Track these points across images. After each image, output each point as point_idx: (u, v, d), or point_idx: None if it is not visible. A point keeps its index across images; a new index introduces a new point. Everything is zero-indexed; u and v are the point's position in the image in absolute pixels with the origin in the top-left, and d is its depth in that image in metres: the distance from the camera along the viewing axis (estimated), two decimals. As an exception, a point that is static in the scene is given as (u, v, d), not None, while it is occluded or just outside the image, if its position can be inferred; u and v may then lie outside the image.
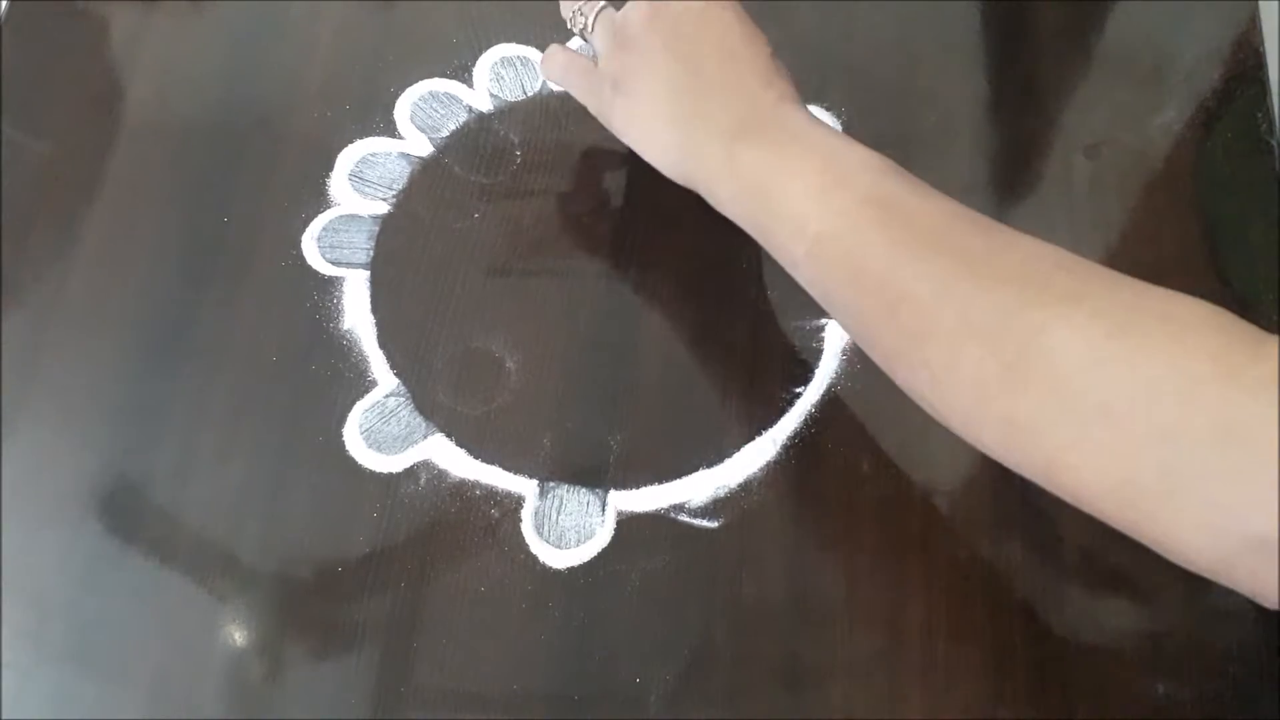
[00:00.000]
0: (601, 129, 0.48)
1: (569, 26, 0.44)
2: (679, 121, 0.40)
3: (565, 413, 0.42)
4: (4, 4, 0.51)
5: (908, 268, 0.34)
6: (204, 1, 0.52)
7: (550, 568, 0.39)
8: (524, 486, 0.41)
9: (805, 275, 0.37)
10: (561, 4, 0.45)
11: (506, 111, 0.49)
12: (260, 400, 0.42)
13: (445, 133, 0.49)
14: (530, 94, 0.50)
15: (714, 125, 0.38)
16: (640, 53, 0.40)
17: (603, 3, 0.43)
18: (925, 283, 0.33)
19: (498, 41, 0.51)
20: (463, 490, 0.41)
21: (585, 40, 0.44)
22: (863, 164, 0.36)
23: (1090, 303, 0.31)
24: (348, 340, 0.44)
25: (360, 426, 0.42)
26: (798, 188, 0.36)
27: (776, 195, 0.37)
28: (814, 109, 0.49)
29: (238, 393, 0.42)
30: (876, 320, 0.35)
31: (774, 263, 0.47)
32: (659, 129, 0.40)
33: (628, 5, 0.41)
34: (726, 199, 0.39)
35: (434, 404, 0.43)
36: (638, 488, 0.41)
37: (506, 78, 0.50)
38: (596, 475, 0.41)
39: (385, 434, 0.42)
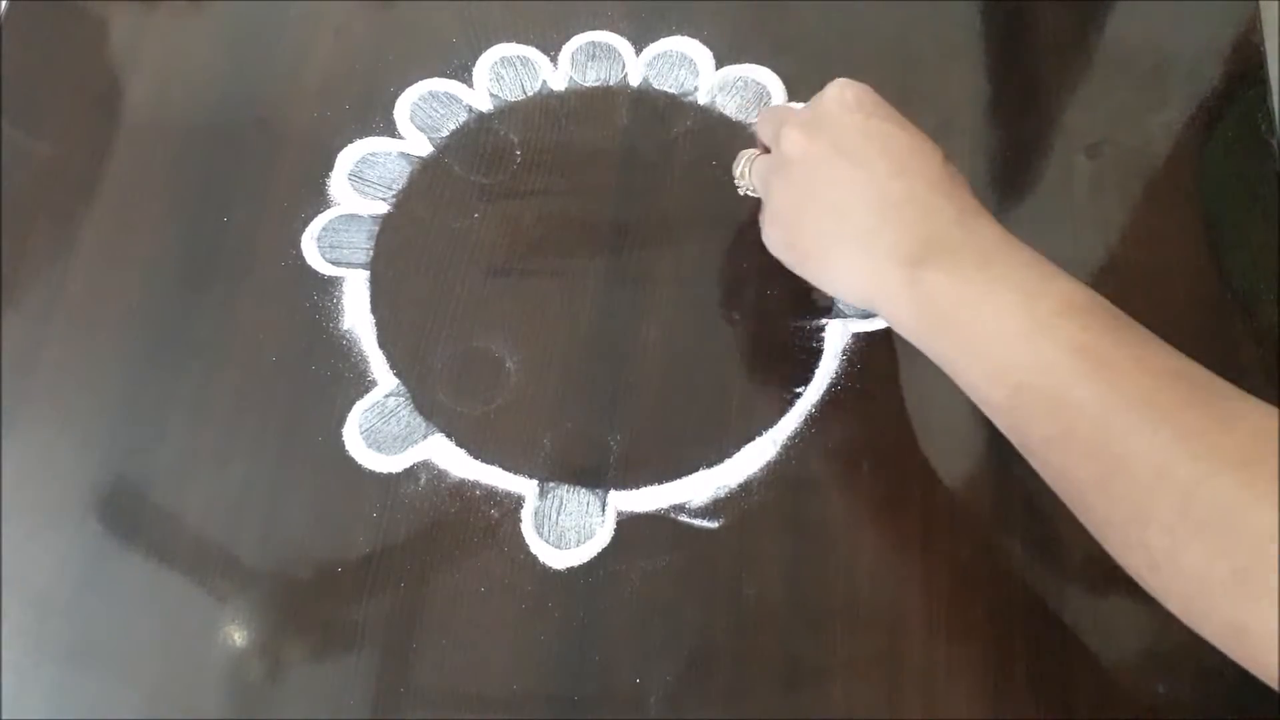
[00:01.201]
0: (601, 128, 0.48)
1: (741, 194, 0.44)
2: (851, 244, 0.37)
3: (565, 413, 0.42)
4: (4, 4, 0.51)
5: (1122, 441, 0.31)
6: (203, 1, 0.52)
7: (550, 568, 0.39)
8: (524, 487, 0.41)
9: (1002, 422, 0.35)
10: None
11: (506, 111, 0.49)
12: (260, 400, 0.42)
13: (445, 132, 0.49)
14: (530, 94, 0.50)
15: (892, 247, 0.36)
16: (801, 183, 0.38)
17: (752, 151, 0.43)
18: (1141, 461, 0.30)
19: (497, 41, 0.51)
20: (462, 490, 0.41)
21: (749, 194, 0.44)
22: (1066, 302, 0.33)
23: None
24: (347, 340, 0.44)
25: (360, 426, 0.42)
26: (994, 329, 0.34)
27: (970, 333, 0.34)
28: (814, 109, 0.49)
29: (237, 393, 0.42)
30: (1087, 487, 0.32)
31: (774, 263, 0.47)
32: (833, 256, 0.38)
33: (782, 134, 0.39)
34: (909, 326, 0.36)
35: (434, 404, 0.43)
36: (638, 488, 0.41)
37: (506, 77, 0.50)
38: (596, 475, 0.41)
39: (385, 434, 0.42)
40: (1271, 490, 0.28)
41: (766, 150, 0.42)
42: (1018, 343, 0.33)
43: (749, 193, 0.43)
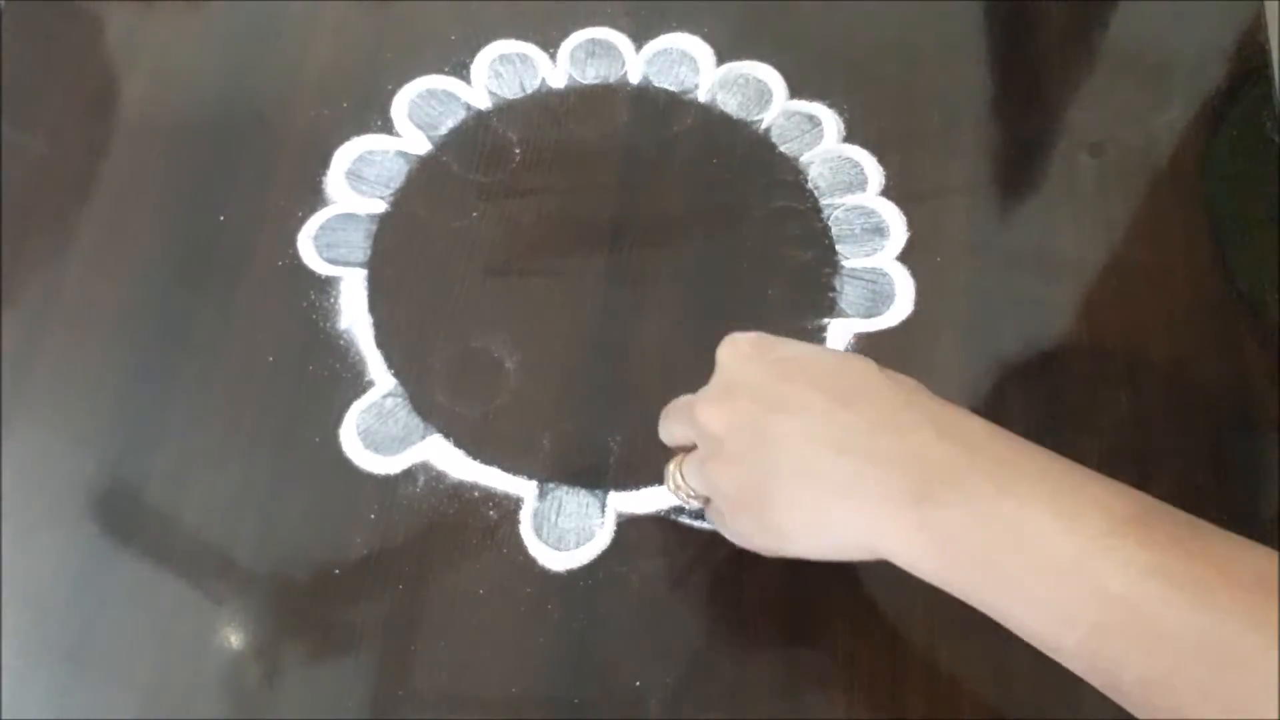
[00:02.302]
0: (600, 126, 0.48)
1: (684, 504, 0.39)
2: (835, 501, 0.32)
3: (565, 413, 0.42)
4: (2, 2, 0.51)
5: (1245, 671, 0.26)
6: (201, 0, 0.52)
7: (549, 570, 0.39)
8: (523, 488, 0.41)
9: (1080, 668, 0.30)
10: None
11: (505, 109, 0.49)
12: (257, 401, 0.42)
13: (443, 130, 0.48)
14: (529, 91, 0.49)
15: (883, 490, 0.30)
16: (742, 457, 0.33)
17: (676, 458, 0.37)
18: (1270, 692, 0.26)
19: (496, 38, 0.50)
20: (461, 492, 0.41)
21: (695, 503, 0.38)
22: (1111, 515, 0.29)
23: None
24: (345, 340, 0.43)
25: (358, 427, 0.42)
26: (1040, 565, 0.29)
27: (1013, 576, 0.29)
28: (816, 107, 0.49)
29: (234, 393, 0.42)
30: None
31: (775, 263, 0.46)
32: (820, 523, 0.32)
33: (696, 417, 0.34)
34: (938, 575, 0.31)
35: (432, 404, 0.42)
36: (637, 489, 0.41)
37: (505, 75, 0.50)
38: (596, 476, 0.41)
39: (383, 435, 0.42)
40: None
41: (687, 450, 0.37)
42: (1075, 579, 0.28)
43: (691, 499, 0.37)
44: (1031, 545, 0.29)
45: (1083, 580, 0.28)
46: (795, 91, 0.49)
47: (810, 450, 0.31)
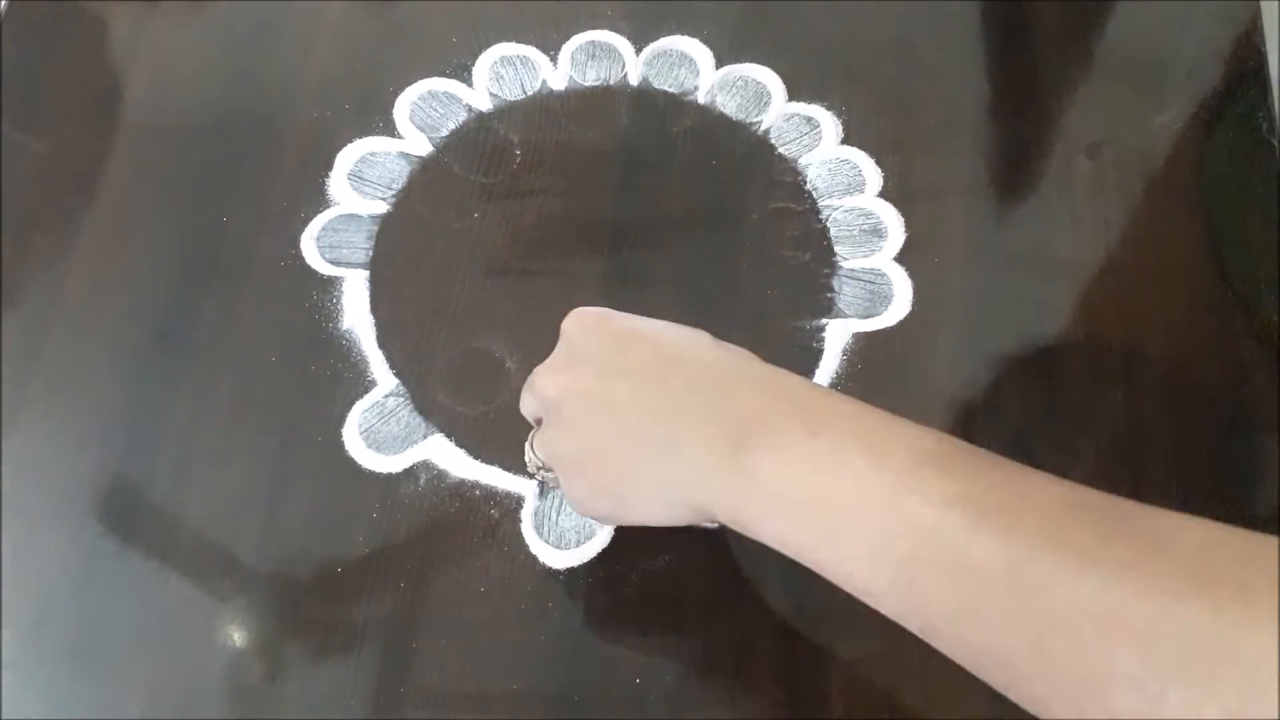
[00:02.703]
0: (600, 128, 0.48)
1: (538, 477, 0.39)
2: (659, 461, 0.32)
3: (565, 413, 0.42)
4: (3, 4, 0.51)
5: (1046, 596, 0.26)
6: (203, 1, 0.52)
7: (550, 568, 0.39)
8: (524, 486, 0.41)
9: (894, 608, 0.29)
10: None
11: (506, 111, 0.49)
12: (259, 400, 0.42)
13: (444, 132, 0.49)
14: (530, 93, 0.50)
15: (702, 444, 0.31)
16: (576, 422, 0.34)
17: (532, 431, 0.38)
18: (1078, 613, 0.25)
19: (497, 41, 0.51)
20: (462, 490, 0.41)
21: (549, 475, 0.38)
22: (918, 451, 0.29)
23: None
24: (347, 340, 0.44)
25: (360, 426, 0.42)
26: (850, 501, 0.29)
27: (824, 515, 0.29)
28: (815, 109, 0.49)
29: (237, 393, 0.42)
30: (1017, 660, 0.27)
31: (774, 264, 0.47)
32: (646, 483, 0.33)
33: (535, 384, 0.36)
34: (755, 524, 0.31)
35: (433, 404, 0.43)
36: (637, 488, 0.41)
37: (506, 77, 0.50)
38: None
39: (385, 434, 0.42)
40: (1247, 610, 0.24)
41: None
42: (883, 513, 0.28)
43: (542, 473, 0.38)
44: (842, 484, 0.29)
45: (890, 515, 0.28)
46: (794, 93, 0.50)
47: (637, 414, 0.32)
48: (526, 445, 0.38)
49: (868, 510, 0.29)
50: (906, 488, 0.28)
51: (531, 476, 0.40)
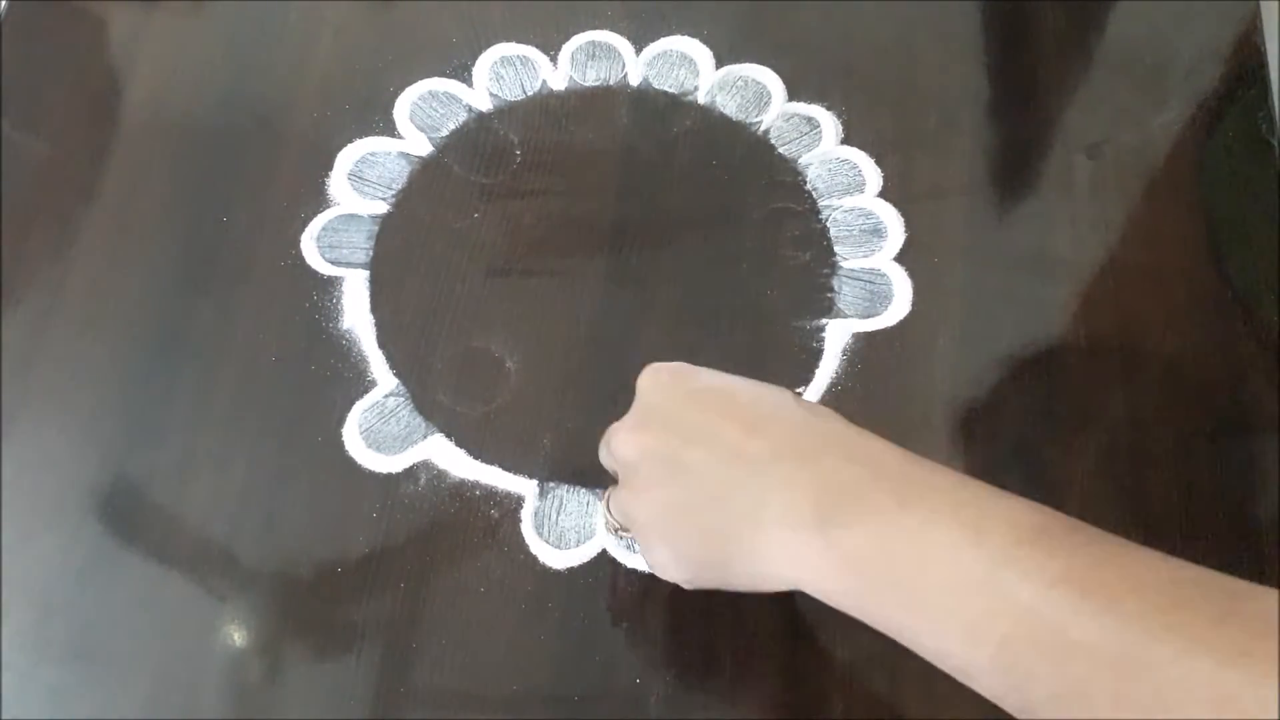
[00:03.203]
0: (601, 128, 0.48)
1: (616, 536, 0.39)
2: (744, 528, 0.31)
3: (565, 413, 0.42)
4: (3, 3, 0.51)
5: (1154, 680, 0.25)
6: (203, 1, 0.52)
7: (550, 568, 0.39)
8: (524, 487, 0.41)
9: (992, 688, 0.29)
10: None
11: (506, 111, 0.49)
12: (260, 400, 0.42)
13: (445, 132, 0.49)
14: (530, 93, 0.50)
15: (786, 515, 0.30)
16: (655, 485, 0.33)
17: (609, 488, 0.37)
18: (1189, 699, 0.25)
19: (497, 41, 0.51)
20: (462, 490, 0.41)
21: (626, 535, 0.38)
22: (1016, 526, 0.28)
23: None
24: (347, 340, 0.44)
25: (360, 426, 0.42)
26: (946, 581, 0.28)
27: (919, 594, 0.29)
28: (815, 109, 0.49)
29: (237, 393, 0.42)
30: None
31: (774, 264, 0.47)
32: (731, 550, 0.32)
33: (613, 445, 0.35)
34: (846, 600, 0.30)
35: (433, 404, 0.43)
36: (638, 488, 0.41)
37: (506, 77, 0.50)
38: (596, 475, 0.41)
39: (385, 434, 0.42)
40: None
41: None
42: (981, 592, 0.27)
43: (620, 534, 0.38)
44: (937, 560, 0.28)
45: (990, 593, 0.27)
46: (794, 94, 0.50)
47: (719, 479, 0.31)
48: (602, 504, 0.38)
49: (964, 589, 0.28)
50: (1005, 565, 0.27)
51: (609, 533, 0.39)
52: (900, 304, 0.45)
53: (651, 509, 0.33)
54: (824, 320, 0.44)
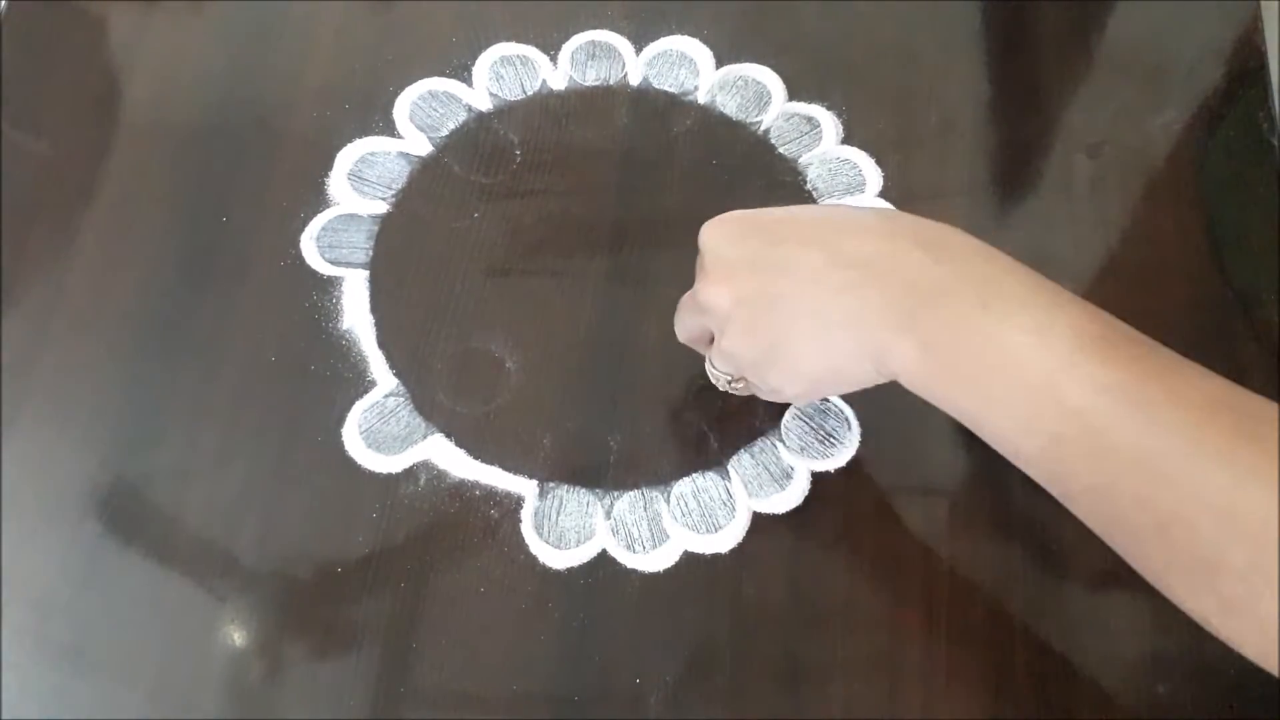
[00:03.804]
0: (601, 128, 0.48)
1: (729, 390, 0.40)
2: (845, 330, 0.34)
3: (565, 413, 0.42)
4: (3, 3, 0.51)
5: (1175, 487, 0.29)
6: (203, 1, 0.52)
7: (550, 568, 0.39)
8: (524, 487, 0.41)
9: (1037, 473, 0.32)
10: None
11: (506, 111, 0.49)
12: (259, 400, 0.42)
13: (444, 132, 0.49)
14: (530, 93, 0.50)
15: (880, 310, 0.33)
16: (755, 321, 0.35)
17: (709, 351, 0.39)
18: (1202, 506, 0.28)
19: (497, 40, 0.51)
20: (462, 490, 0.41)
21: (737, 385, 0.39)
22: (1081, 334, 0.30)
23: None
24: (347, 340, 0.44)
25: (360, 426, 0.42)
26: (1010, 377, 0.31)
27: (984, 385, 0.32)
28: (815, 109, 0.49)
29: (237, 393, 0.42)
30: (1142, 536, 0.30)
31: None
32: (832, 352, 0.34)
33: (701, 300, 0.36)
34: (917, 380, 0.33)
35: (433, 404, 0.43)
36: (637, 488, 0.41)
37: (506, 77, 0.50)
38: (596, 475, 0.41)
39: (385, 434, 0.42)
40: None
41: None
42: (1040, 391, 0.30)
43: (731, 384, 0.39)
44: (1004, 360, 0.31)
45: (1046, 393, 0.30)
46: (794, 93, 0.50)
47: (814, 299, 0.34)
48: (707, 365, 0.39)
49: (1025, 387, 0.31)
50: (1062, 369, 0.30)
51: (720, 389, 0.40)
52: (900, 304, 0.45)
53: (755, 347, 0.36)
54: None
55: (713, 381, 0.40)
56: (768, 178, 0.48)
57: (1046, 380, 0.30)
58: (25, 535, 0.40)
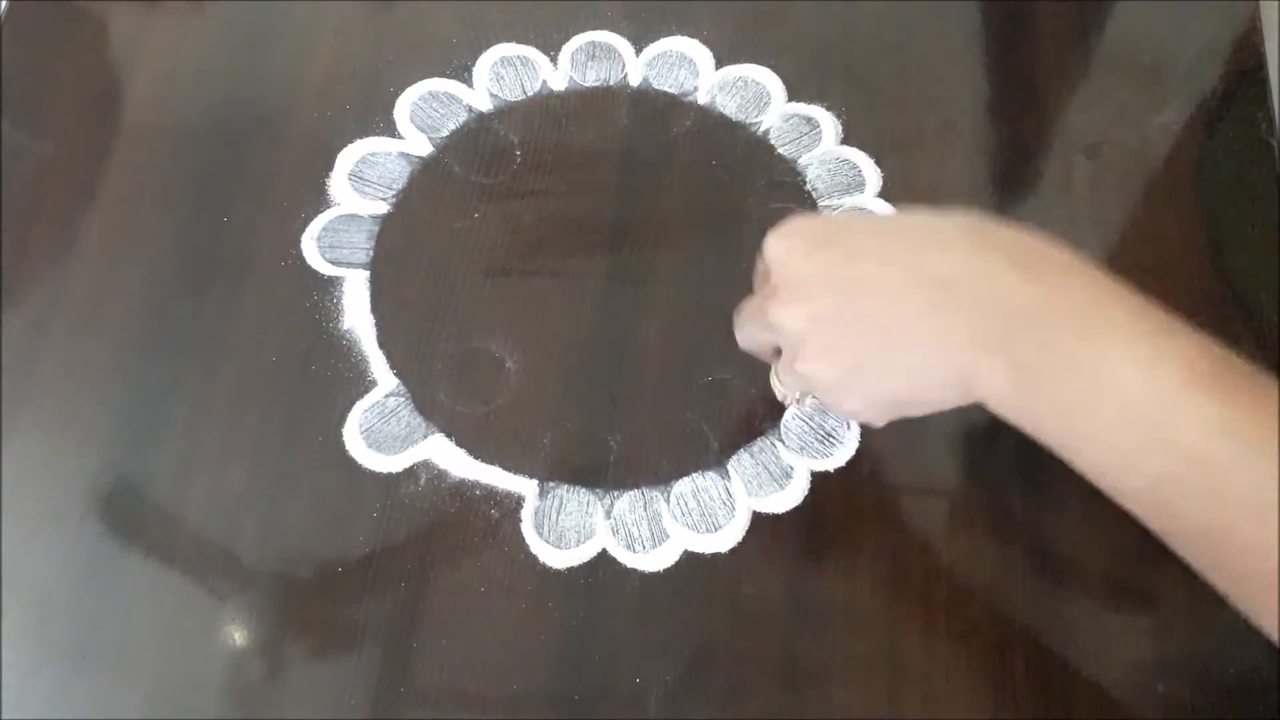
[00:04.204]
0: (601, 128, 0.48)
1: (791, 406, 0.40)
2: (921, 362, 0.33)
3: (565, 413, 0.42)
4: (4, 4, 0.51)
5: None
6: (204, 1, 0.52)
7: (550, 568, 0.39)
8: (524, 486, 0.41)
9: (1140, 511, 0.31)
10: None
11: (506, 111, 0.49)
12: (260, 400, 0.42)
13: (445, 132, 0.49)
14: (530, 94, 0.50)
15: (968, 334, 0.31)
16: (835, 343, 0.33)
17: (774, 366, 0.38)
18: None
19: (497, 41, 0.51)
20: (463, 490, 0.41)
21: (807, 402, 0.40)
22: (1191, 368, 0.29)
23: None
24: (348, 340, 0.44)
25: (360, 426, 0.42)
26: (1113, 412, 0.29)
27: (1084, 418, 0.30)
28: (815, 109, 0.49)
29: (238, 392, 0.42)
30: (1257, 584, 0.29)
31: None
32: (919, 377, 0.33)
33: (773, 320, 0.35)
34: (1016, 414, 0.32)
35: (434, 404, 0.43)
36: (637, 488, 0.41)
37: (506, 77, 0.50)
38: (596, 475, 0.41)
39: (385, 434, 0.42)
40: None
41: (775, 354, 0.38)
42: (1146, 427, 0.29)
43: (798, 400, 0.40)
44: (1107, 394, 0.29)
45: (1155, 431, 0.29)
46: (794, 94, 0.50)
47: (897, 320, 0.32)
48: (773, 379, 0.38)
49: (1129, 424, 0.29)
50: (1170, 406, 0.29)
51: (787, 405, 0.40)
52: (900, 304, 0.45)
53: (835, 369, 0.34)
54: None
55: (778, 396, 0.39)
56: (767, 178, 0.48)
57: (1153, 417, 0.29)
58: (26, 534, 0.40)
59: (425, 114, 0.49)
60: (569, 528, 0.40)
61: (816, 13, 0.52)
